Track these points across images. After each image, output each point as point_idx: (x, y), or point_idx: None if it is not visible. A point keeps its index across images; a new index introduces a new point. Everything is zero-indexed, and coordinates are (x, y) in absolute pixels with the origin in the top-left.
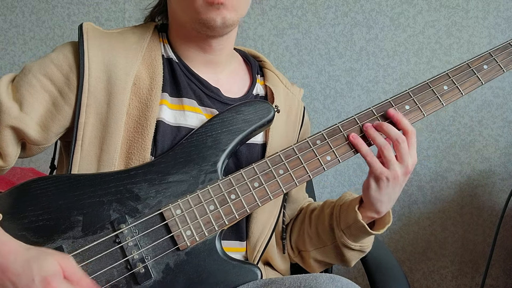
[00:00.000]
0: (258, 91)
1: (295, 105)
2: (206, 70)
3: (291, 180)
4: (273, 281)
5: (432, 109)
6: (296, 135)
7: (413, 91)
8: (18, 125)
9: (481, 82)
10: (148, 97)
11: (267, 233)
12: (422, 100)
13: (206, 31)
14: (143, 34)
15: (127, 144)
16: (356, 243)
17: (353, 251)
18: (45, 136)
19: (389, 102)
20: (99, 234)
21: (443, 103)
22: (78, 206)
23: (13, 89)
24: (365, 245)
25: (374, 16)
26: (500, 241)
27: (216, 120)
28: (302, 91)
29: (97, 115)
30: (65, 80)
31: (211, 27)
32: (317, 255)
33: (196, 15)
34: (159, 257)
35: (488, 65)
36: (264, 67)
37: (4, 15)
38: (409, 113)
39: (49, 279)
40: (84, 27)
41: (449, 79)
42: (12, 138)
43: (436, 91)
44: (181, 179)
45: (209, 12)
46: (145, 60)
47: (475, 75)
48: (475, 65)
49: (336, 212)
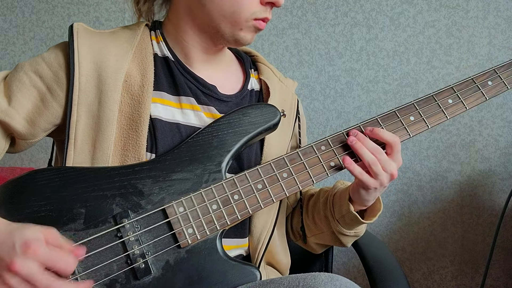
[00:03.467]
0: (253, 85)
1: (289, 98)
2: (202, 68)
3: (294, 184)
4: (271, 280)
5: (436, 122)
6: (291, 129)
7: (418, 103)
8: (5, 119)
9: (485, 98)
10: (140, 94)
11: (270, 227)
12: (427, 112)
13: (229, 44)
14: (134, 32)
15: (122, 142)
16: (351, 230)
17: (348, 236)
18: (31, 131)
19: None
20: (101, 227)
21: (447, 116)
22: (82, 198)
23: (5, 86)
24: (359, 231)
25: (374, 16)
26: (500, 241)
27: (222, 120)
28: (295, 83)
29: (89, 113)
30: (54, 77)
31: (240, 44)
32: (316, 240)
33: (237, 32)
34: (160, 253)
35: (493, 81)
36: (257, 61)
37: (4, 15)
38: (413, 124)
39: (29, 242)
40: (74, 27)
41: (454, 94)
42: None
43: (441, 104)
44: (185, 177)
45: (249, 33)
46: (135, 58)
47: (480, 91)
48: (480, 81)
49: (330, 203)
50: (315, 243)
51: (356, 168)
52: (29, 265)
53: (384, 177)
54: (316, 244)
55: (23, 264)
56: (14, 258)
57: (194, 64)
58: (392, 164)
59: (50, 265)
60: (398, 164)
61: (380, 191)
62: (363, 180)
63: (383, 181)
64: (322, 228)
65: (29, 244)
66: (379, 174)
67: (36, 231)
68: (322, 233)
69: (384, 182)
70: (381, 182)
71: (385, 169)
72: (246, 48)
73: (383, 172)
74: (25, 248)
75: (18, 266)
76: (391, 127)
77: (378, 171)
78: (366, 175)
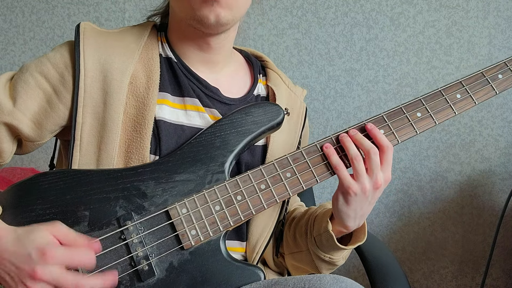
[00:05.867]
0: (260, 91)
1: (297, 106)
2: (204, 69)
3: (298, 183)
4: (276, 281)
5: (444, 117)
6: (298, 137)
7: (425, 99)
8: (12, 122)
9: (495, 92)
10: (145, 96)
11: (267, 236)
12: (434, 108)
13: (201, 28)
14: (141, 33)
15: (126, 143)
16: (326, 254)
17: (323, 261)
18: (38, 133)
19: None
20: (104, 230)
21: (455, 112)
22: (85, 201)
23: (10, 87)
24: (335, 258)
25: (374, 16)
26: (500, 241)
27: (225, 120)
28: (305, 92)
29: (94, 114)
30: (60, 79)
31: (204, 24)
32: (293, 260)
33: (191, 12)
34: (163, 255)
35: (503, 74)
36: (266, 67)
37: (4, 15)
38: (420, 121)
39: (43, 248)
40: (81, 27)
41: (463, 88)
42: (6, 134)
43: (449, 100)
44: (188, 178)
45: (203, 9)
46: (142, 59)
47: (489, 85)
48: (490, 74)
49: (312, 220)
50: (291, 265)
51: (334, 157)
52: (51, 269)
53: (366, 181)
54: (293, 266)
55: (45, 271)
56: (34, 266)
57: (196, 65)
58: (378, 171)
59: (71, 265)
60: (386, 178)
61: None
62: (340, 176)
63: (365, 185)
64: (301, 246)
65: (44, 251)
66: (360, 175)
67: (44, 235)
68: (300, 252)
69: (366, 187)
70: (362, 187)
71: (369, 171)
72: (257, 53)
73: (365, 174)
74: (42, 255)
75: (41, 273)
76: (397, 124)
77: (360, 169)
78: (345, 171)
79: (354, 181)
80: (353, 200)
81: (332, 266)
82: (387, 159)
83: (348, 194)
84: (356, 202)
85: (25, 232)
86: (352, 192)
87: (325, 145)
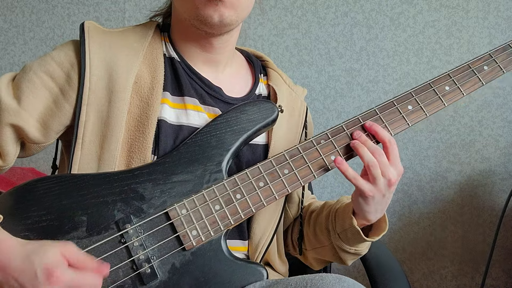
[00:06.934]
0: (261, 90)
1: (298, 106)
2: (207, 69)
3: (296, 179)
4: (278, 281)
5: (434, 109)
6: (299, 136)
7: (416, 91)
8: (18, 123)
9: (482, 83)
10: (150, 96)
11: (269, 235)
12: (424, 100)
13: (204, 28)
14: (145, 33)
15: (128, 143)
16: (352, 247)
17: (348, 253)
18: (44, 133)
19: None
20: (103, 234)
21: (445, 103)
22: (82, 206)
23: (13, 87)
24: (360, 249)
25: (374, 16)
26: (500, 241)
27: (220, 119)
28: (305, 91)
29: (98, 113)
30: (66, 78)
31: (208, 24)
32: (316, 254)
33: (195, 11)
34: (165, 257)
35: (489, 66)
36: (267, 66)
37: (4, 15)
38: (411, 113)
39: (51, 269)
40: (85, 26)
41: (450, 79)
42: (11, 136)
43: (437, 91)
44: (186, 178)
45: (207, 8)
46: (146, 59)
47: (476, 76)
48: (476, 65)
49: (332, 216)
50: (313, 258)
51: (349, 171)
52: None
53: (381, 183)
54: (315, 259)
55: None
56: (38, 287)
57: (198, 64)
58: (389, 168)
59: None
60: (399, 171)
61: (380, 202)
62: (358, 185)
63: (380, 187)
64: (323, 241)
65: (51, 272)
66: (377, 179)
67: (55, 254)
68: (323, 247)
69: (381, 189)
70: (379, 189)
71: (384, 173)
72: (257, 53)
73: (381, 177)
74: (48, 276)
75: None
76: (390, 117)
77: (376, 174)
78: (361, 180)
79: (371, 186)
80: (371, 201)
81: (357, 256)
82: (394, 153)
83: (366, 197)
84: (375, 201)
85: (35, 248)
86: (370, 196)
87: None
